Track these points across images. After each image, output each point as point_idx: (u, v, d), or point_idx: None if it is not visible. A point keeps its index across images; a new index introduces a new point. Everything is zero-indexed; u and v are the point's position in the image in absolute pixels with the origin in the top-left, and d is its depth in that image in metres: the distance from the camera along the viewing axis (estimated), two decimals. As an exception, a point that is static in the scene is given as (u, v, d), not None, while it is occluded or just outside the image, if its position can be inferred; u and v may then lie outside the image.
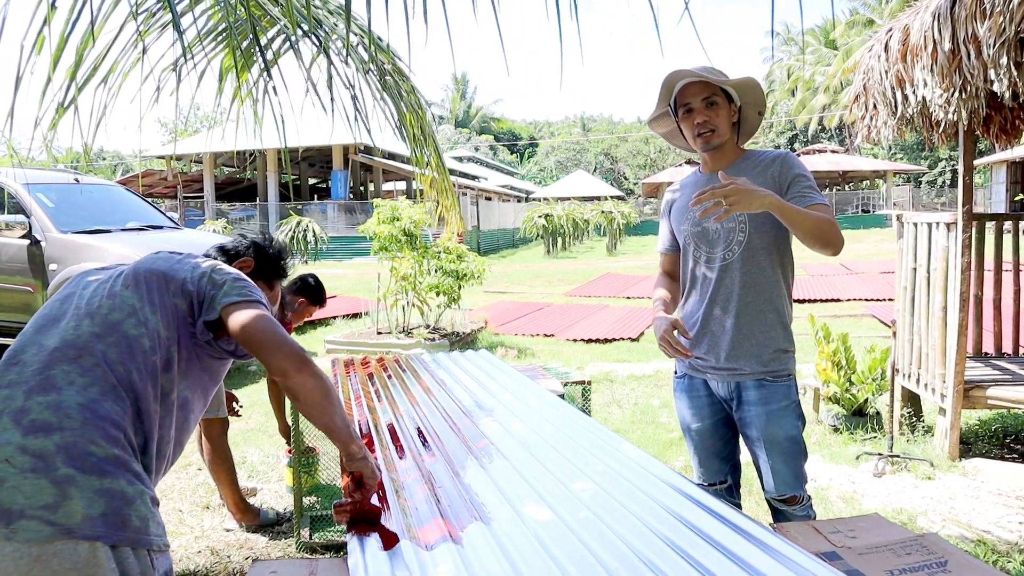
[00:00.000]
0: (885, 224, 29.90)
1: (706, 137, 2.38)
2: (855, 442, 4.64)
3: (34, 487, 1.39)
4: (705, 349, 2.48)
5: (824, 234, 2.16)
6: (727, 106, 2.38)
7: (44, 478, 1.40)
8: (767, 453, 2.40)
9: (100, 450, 1.47)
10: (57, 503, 1.39)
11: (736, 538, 1.53)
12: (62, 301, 1.74)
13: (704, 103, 2.36)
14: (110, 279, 1.77)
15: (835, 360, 4.98)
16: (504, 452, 2.12)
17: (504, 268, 18.94)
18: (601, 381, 6.50)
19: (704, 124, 2.36)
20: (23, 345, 1.62)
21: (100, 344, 1.60)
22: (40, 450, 1.42)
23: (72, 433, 1.46)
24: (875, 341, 6.10)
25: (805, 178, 2.34)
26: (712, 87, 2.35)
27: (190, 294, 1.72)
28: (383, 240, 8.09)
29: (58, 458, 1.42)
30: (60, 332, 1.63)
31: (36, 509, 1.37)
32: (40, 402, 1.48)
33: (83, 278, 1.82)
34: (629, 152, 57.80)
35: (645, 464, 1.97)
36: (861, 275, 13.59)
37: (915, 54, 3.74)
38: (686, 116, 2.40)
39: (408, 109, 3.66)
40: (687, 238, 2.50)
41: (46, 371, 1.54)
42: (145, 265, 1.78)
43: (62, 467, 1.42)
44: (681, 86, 2.37)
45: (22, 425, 1.45)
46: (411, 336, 8.23)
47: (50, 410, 1.48)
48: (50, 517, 1.38)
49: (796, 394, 2.43)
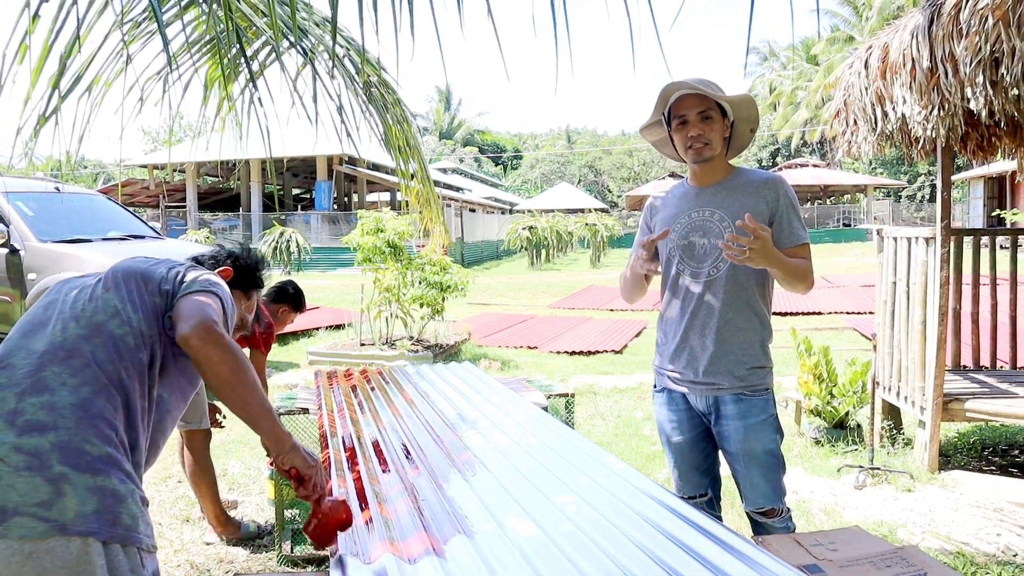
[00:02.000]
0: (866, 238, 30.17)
1: (698, 149, 2.40)
2: (836, 454, 4.68)
3: (29, 485, 1.41)
4: (684, 363, 2.49)
5: (802, 279, 2.33)
6: (721, 121, 2.40)
7: (39, 476, 1.43)
8: (746, 466, 2.41)
9: (94, 448, 1.50)
10: (51, 500, 1.41)
11: (719, 551, 1.54)
12: (45, 307, 1.75)
13: (699, 116, 2.38)
14: (90, 284, 1.79)
15: (816, 373, 5.02)
16: (488, 465, 2.12)
17: (488, 280, 18.94)
18: (584, 393, 6.51)
19: (698, 138, 2.38)
20: (10, 350, 1.64)
21: (88, 345, 1.62)
22: (35, 449, 1.45)
23: (67, 432, 1.49)
24: (856, 354, 6.16)
25: (795, 212, 2.41)
26: (708, 101, 2.37)
27: (166, 293, 1.75)
28: (367, 251, 8.08)
29: (53, 456, 1.45)
30: (47, 336, 1.65)
31: (30, 506, 1.40)
32: (34, 403, 1.51)
33: (64, 285, 1.84)
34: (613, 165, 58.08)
35: (628, 477, 1.98)
36: (842, 288, 13.71)
37: (894, 72, 3.80)
38: (680, 127, 2.42)
39: (393, 121, 3.66)
40: (672, 250, 2.52)
41: (37, 373, 1.56)
42: (123, 267, 1.81)
43: (56, 465, 1.45)
44: (677, 97, 2.39)
45: (16, 426, 1.48)
46: (394, 348, 8.20)
47: (44, 410, 1.50)
48: (44, 514, 1.40)
49: (774, 408, 2.45)
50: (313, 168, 27.95)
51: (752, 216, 2.36)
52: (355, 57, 3.48)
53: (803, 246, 2.40)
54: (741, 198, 2.41)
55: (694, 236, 2.46)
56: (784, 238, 2.39)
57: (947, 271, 4.33)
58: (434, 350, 8.18)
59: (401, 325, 8.65)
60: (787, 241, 2.39)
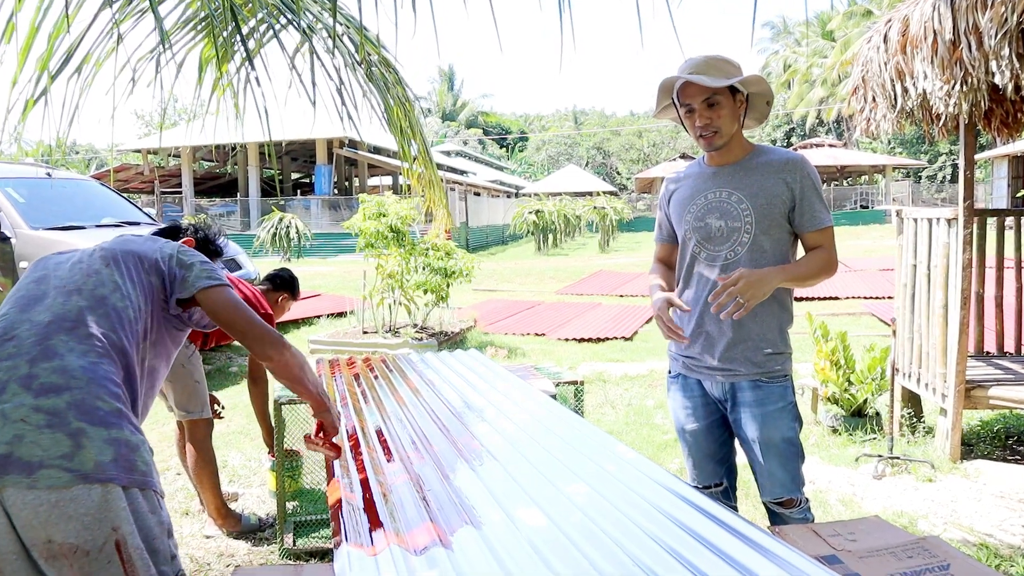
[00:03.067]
0: (884, 220, 30.06)
1: (708, 139, 2.37)
2: (854, 443, 4.67)
3: (51, 440, 1.60)
4: (700, 349, 2.48)
5: (820, 274, 2.36)
6: (730, 102, 2.36)
7: (59, 431, 1.62)
8: (763, 455, 2.41)
9: (105, 404, 1.70)
10: (72, 452, 1.60)
11: (734, 541, 1.54)
12: (38, 282, 1.93)
13: (704, 104, 2.34)
14: (82, 260, 1.99)
15: (834, 359, 5.01)
16: (495, 454, 2.12)
17: (493, 265, 18.93)
18: (594, 381, 6.51)
19: (706, 127, 2.36)
20: (12, 323, 1.81)
21: (91, 315, 1.82)
22: (53, 408, 1.64)
23: (80, 391, 1.68)
24: (874, 340, 6.14)
25: (818, 194, 2.39)
26: (712, 87, 2.33)
27: (162, 273, 1.99)
28: (369, 237, 8.07)
29: (70, 413, 1.64)
30: (49, 308, 1.83)
31: (55, 459, 1.58)
32: (46, 368, 1.70)
33: (46, 261, 2.04)
34: (622, 146, 57.87)
35: (640, 466, 1.98)
36: (860, 272, 13.66)
37: (915, 45, 3.76)
38: (688, 115, 2.40)
39: (395, 102, 3.65)
40: (688, 231, 2.49)
41: (45, 341, 1.75)
42: (119, 246, 2.03)
43: (74, 421, 1.64)
44: (680, 84, 2.37)
45: (32, 389, 1.66)
46: (398, 335, 8.21)
47: (56, 374, 1.69)
48: (68, 465, 1.59)
49: (792, 395, 2.44)
50: (312, 151, 27.93)
51: (771, 199, 2.35)
52: (355, 36, 3.46)
53: (825, 230, 2.38)
54: (759, 179, 2.39)
55: (710, 218, 2.43)
56: (806, 222, 2.38)
57: (970, 253, 4.31)
58: (439, 338, 8.19)
59: (405, 312, 8.66)
60: (809, 225, 2.38)
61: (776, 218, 2.37)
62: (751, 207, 2.37)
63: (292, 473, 3.82)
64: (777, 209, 2.37)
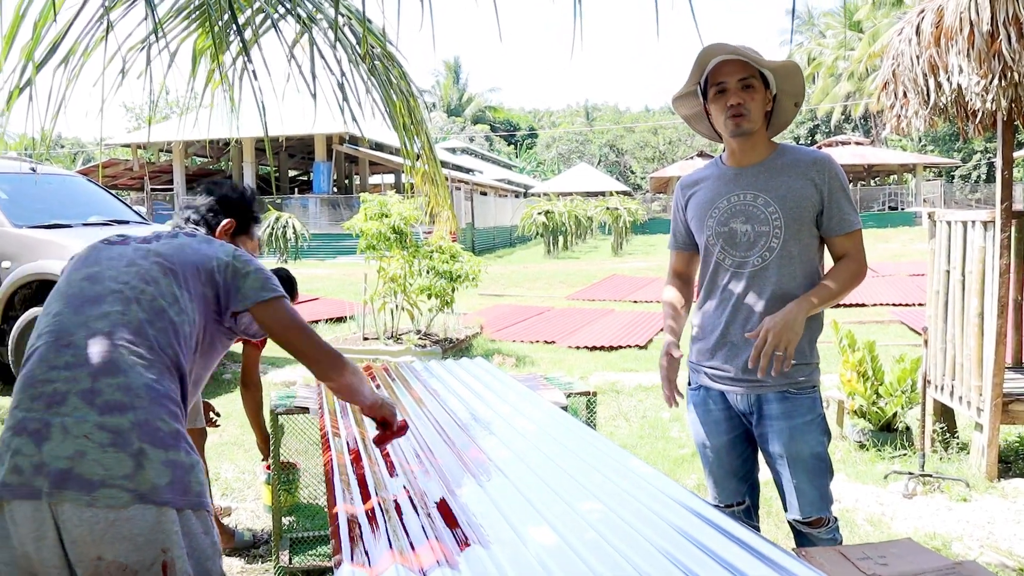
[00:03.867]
0: (914, 222, 29.94)
1: (737, 120, 2.35)
2: (883, 460, 4.65)
3: (114, 459, 1.67)
4: (723, 359, 2.46)
5: (849, 287, 2.38)
6: (763, 92, 2.36)
7: (122, 451, 1.68)
8: (790, 471, 2.39)
9: (165, 426, 1.76)
10: (133, 473, 1.67)
11: (756, 564, 1.53)
12: (91, 281, 1.93)
13: (740, 84, 2.33)
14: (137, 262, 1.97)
15: (861, 370, 4.98)
16: (503, 469, 2.12)
17: (501, 269, 18.93)
18: (607, 392, 6.50)
19: (738, 106, 2.34)
20: (66, 327, 1.84)
21: (151, 329, 1.87)
22: (117, 427, 1.70)
23: (143, 411, 1.74)
24: (904, 350, 6.10)
25: (846, 195, 2.39)
26: (750, 68, 2.33)
27: (216, 284, 2.00)
28: (370, 238, 8.08)
29: (133, 434, 1.71)
30: (107, 316, 1.85)
31: (117, 479, 1.66)
32: (110, 384, 1.75)
33: (98, 255, 2.02)
34: (636, 144, 57.82)
35: (656, 482, 1.97)
36: (888, 278, 13.61)
37: (950, 37, 3.75)
38: (718, 96, 2.37)
39: (398, 96, 3.65)
40: (711, 237, 2.47)
41: (108, 354, 1.79)
42: (176, 254, 2.02)
43: (136, 441, 1.70)
44: (715, 64, 2.36)
45: (96, 405, 1.72)
46: (400, 342, 8.21)
47: (121, 391, 1.75)
48: (128, 485, 1.66)
49: (821, 407, 2.43)
50: (311, 148, 27.99)
51: (799, 202, 2.34)
52: (357, 27, 3.46)
53: (853, 234, 2.38)
54: (787, 179, 2.37)
55: (735, 222, 2.42)
56: (834, 225, 2.37)
57: (1007, 258, 4.28)
58: (443, 345, 8.19)
59: (407, 318, 8.66)
60: (837, 228, 2.37)
61: (805, 222, 2.36)
62: (779, 210, 2.35)
63: (289, 486, 3.81)
64: (806, 212, 2.36)
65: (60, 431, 1.68)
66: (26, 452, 1.68)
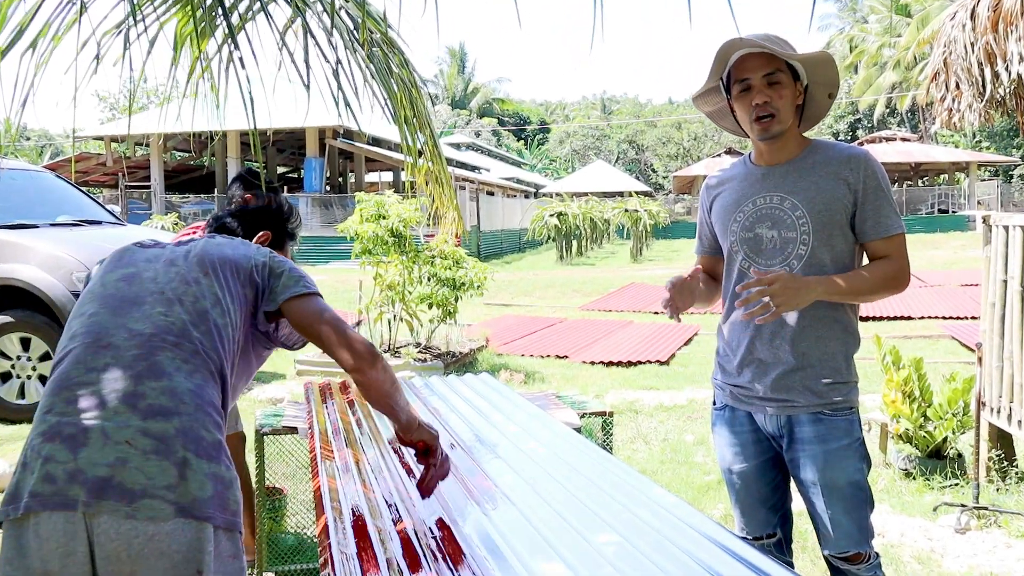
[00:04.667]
0: (967, 227, 29.85)
1: (765, 124, 2.35)
2: (932, 490, 4.63)
3: (158, 468, 1.68)
4: (750, 377, 2.46)
5: (881, 289, 2.35)
6: (792, 86, 2.35)
7: (167, 459, 1.70)
8: (825, 502, 2.39)
9: (209, 435, 1.79)
10: (176, 484, 1.69)
11: (791, 603, 1.52)
12: (127, 281, 1.99)
13: (764, 80, 2.33)
14: (177, 262, 2.04)
15: (906, 390, 4.97)
16: (510, 496, 2.12)
17: (509, 276, 18.95)
18: (624, 412, 6.50)
19: (764, 107, 2.33)
20: (104, 328, 1.87)
21: (196, 332, 1.90)
22: (161, 433, 1.72)
23: (189, 418, 1.77)
24: (956, 368, 6.08)
25: (885, 195, 2.36)
26: (776, 61, 2.32)
27: (256, 284, 2.07)
28: (366, 241, 8.10)
29: (177, 441, 1.73)
30: (149, 317, 1.89)
31: (160, 489, 1.66)
32: (155, 387, 1.78)
33: (133, 256, 2.09)
34: (658, 140, 57.88)
35: (678, 512, 1.97)
36: (938, 288, 13.57)
37: (1009, 22, 3.75)
38: (742, 95, 2.37)
39: (399, 87, 3.67)
40: (735, 243, 2.48)
41: (150, 356, 1.83)
42: (215, 252, 2.08)
43: (181, 450, 1.72)
44: (738, 58, 2.36)
45: (139, 409, 1.74)
46: (399, 356, 8.23)
47: (166, 395, 1.77)
48: (171, 496, 1.67)
49: (860, 431, 2.42)
50: (302, 142, 28.10)
51: (830, 204, 2.33)
52: (354, 11, 3.48)
53: (894, 238, 2.35)
54: (818, 180, 2.37)
55: (761, 227, 2.42)
56: (870, 228, 2.36)
57: (1070, 267, 4.27)
58: (445, 359, 8.20)
59: (407, 329, 8.68)
60: (873, 232, 2.35)
61: (837, 226, 2.35)
62: (807, 214, 2.35)
63: (274, 514, 3.82)
64: (838, 215, 2.35)
65: (99, 436, 1.69)
66: (60, 459, 1.66)
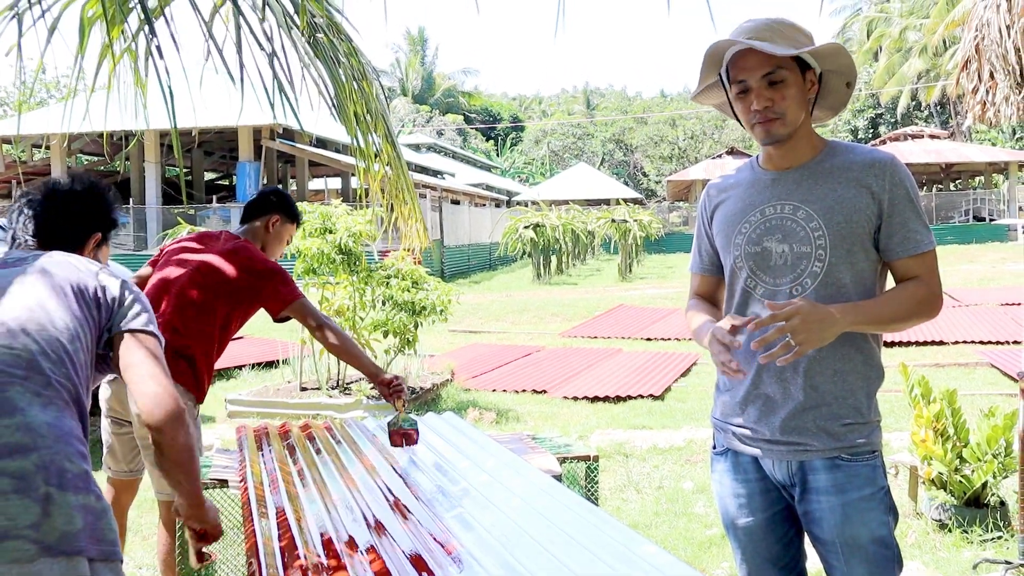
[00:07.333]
0: (1007, 237, 30.24)
1: (766, 126, 2.36)
2: (970, 544, 4.65)
3: (19, 507, 1.80)
4: (756, 416, 2.45)
5: (913, 316, 2.37)
6: (798, 81, 2.35)
7: (28, 497, 1.82)
8: (845, 560, 2.39)
9: (73, 467, 1.92)
10: (40, 521, 1.81)
11: None
12: None
13: (764, 81, 2.33)
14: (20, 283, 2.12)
15: (939, 428, 4.99)
16: (478, 558, 2.11)
17: (477, 298, 18.95)
18: (612, 455, 6.49)
19: (764, 111, 2.34)
20: None
21: (46, 362, 2.01)
22: (20, 471, 1.84)
23: (49, 451, 1.89)
24: (995, 401, 6.14)
25: (914, 207, 2.36)
26: (776, 58, 2.32)
27: (100, 305, 2.20)
28: (310, 260, 8.08)
29: (38, 477, 1.85)
30: None
31: (23, 529, 1.79)
32: (8, 425, 1.89)
33: None
34: (649, 139, 58.27)
35: (675, 574, 1.97)
36: (974, 308, 13.69)
37: (1044, 6, 3.81)
38: (740, 97, 2.38)
39: (348, 78, 3.68)
40: (739, 258, 2.48)
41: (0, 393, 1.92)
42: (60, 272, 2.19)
43: (43, 486, 1.84)
44: (733, 55, 2.38)
45: None
46: (348, 393, 8.19)
47: (21, 431, 1.89)
48: (35, 536, 1.79)
49: (884, 478, 2.42)
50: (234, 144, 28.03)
51: (850, 215, 2.34)
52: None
53: (924, 256, 2.36)
54: (836, 187, 2.38)
55: (769, 240, 2.42)
56: (897, 245, 2.36)
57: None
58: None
59: (356, 362, 8.64)
60: (901, 250, 2.36)
61: (858, 241, 2.36)
62: (824, 226, 2.36)
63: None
64: (859, 229, 2.36)
65: None
66: None
